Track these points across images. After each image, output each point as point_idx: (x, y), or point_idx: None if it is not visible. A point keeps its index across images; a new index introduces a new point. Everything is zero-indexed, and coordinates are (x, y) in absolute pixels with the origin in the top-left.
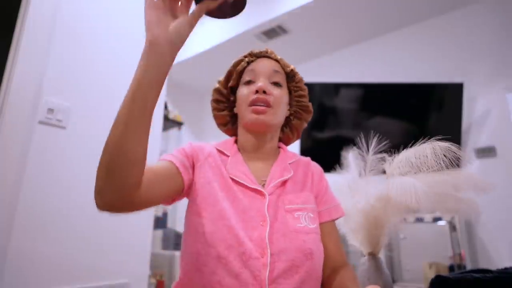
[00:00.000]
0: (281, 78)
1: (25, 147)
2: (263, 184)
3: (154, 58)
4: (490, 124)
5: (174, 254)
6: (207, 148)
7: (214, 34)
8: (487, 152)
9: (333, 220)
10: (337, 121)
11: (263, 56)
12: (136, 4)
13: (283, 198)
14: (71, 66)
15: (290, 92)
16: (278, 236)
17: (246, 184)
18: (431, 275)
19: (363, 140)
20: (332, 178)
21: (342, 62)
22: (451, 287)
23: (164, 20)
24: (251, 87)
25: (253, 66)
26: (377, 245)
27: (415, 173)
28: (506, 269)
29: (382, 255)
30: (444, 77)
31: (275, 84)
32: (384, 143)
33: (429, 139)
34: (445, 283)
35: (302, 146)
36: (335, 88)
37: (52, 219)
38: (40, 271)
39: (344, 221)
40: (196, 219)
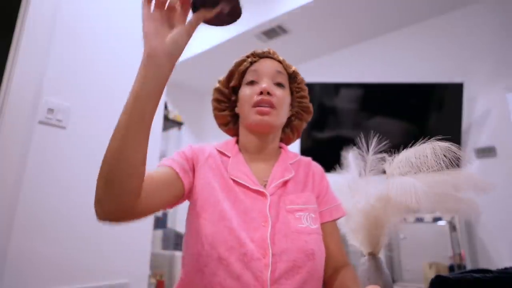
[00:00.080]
0: (284, 79)
1: (25, 147)
2: (265, 185)
3: (153, 70)
4: (490, 124)
5: (174, 254)
6: (207, 149)
7: (214, 34)
8: (487, 152)
9: (334, 220)
10: (337, 121)
11: (265, 56)
12: (136, 4)
13: (284, 199)
14: (71, 66)
15: (291, 92)
16: (279, 237)
17: (247, 185)
18: (431, 275)
19: (363, 140)
20: (332, 178)
21: (342, 62)
22: (451, 287)
23: (161, 31)
24: (255, 88)
25: (256, 67)
26: (377, 245)
27: (415, 173)
28: (506, 269)
29: (382, 255)
30: (444, 77)
31: (278, 85)
32: (384, 143)
33: (429, 139)
34: (445, 283)
35: (302, 146)
36: (335, 88)
37: (52, 219)
38: (40, 271)
39: (344, 221)
40: (197, 220)
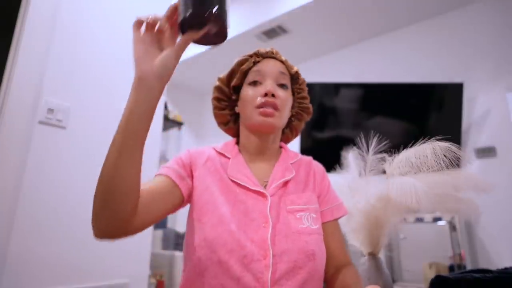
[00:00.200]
0: (286, 80)
1: (25, 147)
2: (265, 185)
3: (144, 92)
4: (490, 124)
5: (174, 254)
6: (206, 152)
7: None
8: (487, 152)
9: (336, 219)
10: (337, 121)
11: (268, 56)
12: (135, 4)
13: (285, 199)
14: (71, 66)
15: (293, 93)
16: (280, 238)
17: (247, 186)
18: (431, 275)
19: (363, 140)
20: (332, 178)
21: (342, 62)
22: (451, 287)
23: (151, 53)
24: (258, 89)
25: (259, 67)
26: (377, 245)
27: (415, 173)
28: (506, 269)
29: (382, 255)
30: (444, 77)
31: (281, 86)
32: (384, 143)
33: (429, 139)
34: (445, 283)
35: (302, 146)
36: (335, 88)
37: (52, 219)
38: (40, 271)
39: (345, 221)
40: (196, 224)
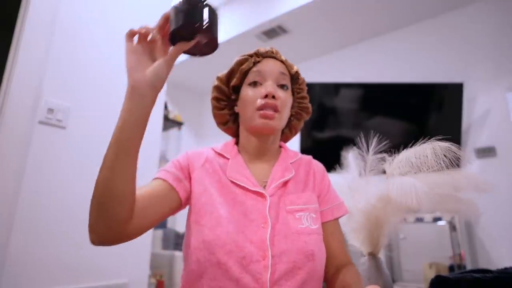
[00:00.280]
0: (287, 81)
1: (25, 147)
2: (264, 186)
3: (137, 101)
4: (490, 124)
5: (174, 254)
6: (204, 153)
7: None
8: (487, 152)
9: (336, 219)
10: (337, 121)
11: (268, 56)
12: (135, 5)
13: (284, 199)
14: (71, 66)
15: (293, 93)
16: (279, 238)
17: (246, 186)
18: (431, 275)
19: (363, 140)
20: (332, 178)
21: (342, 62)
22: (451, 287)
23: (143, 63)
24: (259, 90)
25: (259, 67)
26: (377, 245)
27: (415, 173)
28: (506, 269)
29: (382, 255)
30: (444, 77)
31: (281, 87)
32: (384, 143)
33: (429, 139)
34: (445, 283)
35: (302, 146)
36: (335, 88)
37: (52, 218)
38: (40, 271)
39: (345, 221)
40: (195, 227)
